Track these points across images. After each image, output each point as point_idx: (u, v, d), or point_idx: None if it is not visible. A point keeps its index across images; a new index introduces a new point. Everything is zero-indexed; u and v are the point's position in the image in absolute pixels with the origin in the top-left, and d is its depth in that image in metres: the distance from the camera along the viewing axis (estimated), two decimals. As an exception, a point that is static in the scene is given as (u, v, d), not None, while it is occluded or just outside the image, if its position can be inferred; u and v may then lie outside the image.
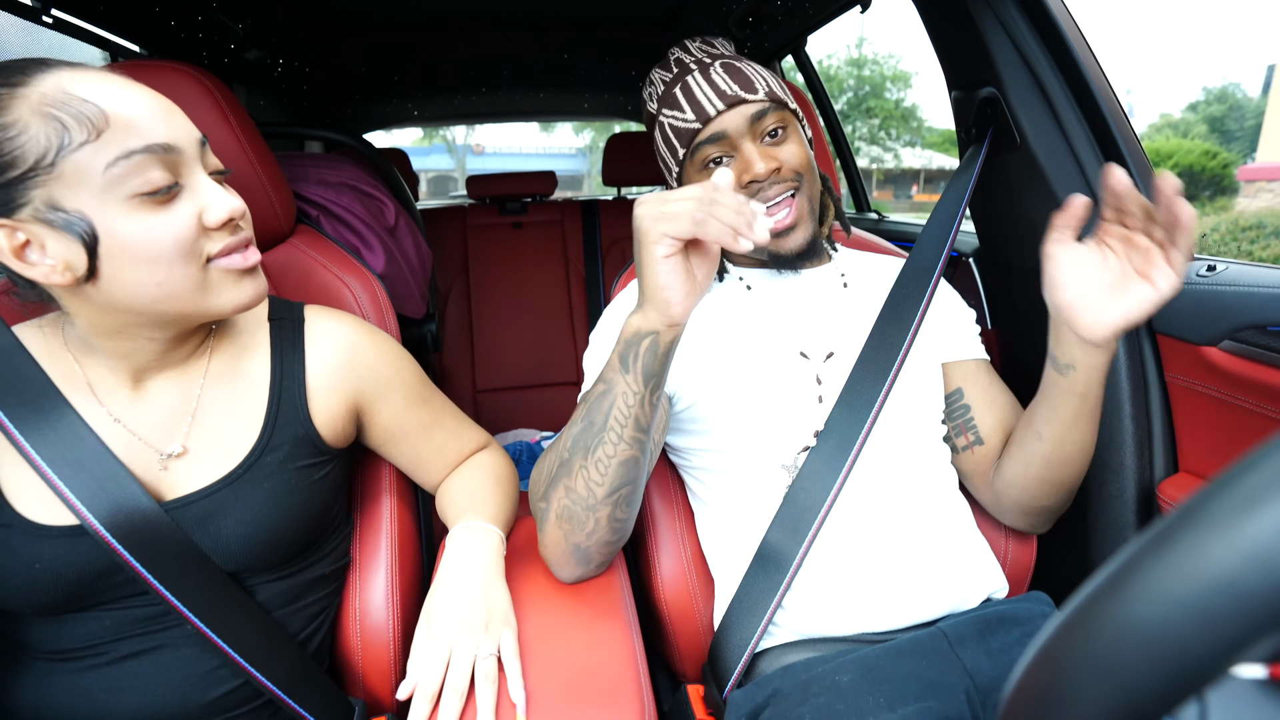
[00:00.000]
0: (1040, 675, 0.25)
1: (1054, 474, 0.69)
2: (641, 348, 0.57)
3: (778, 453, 0.72)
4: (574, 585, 0.70)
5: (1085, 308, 0.61)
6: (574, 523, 0.62)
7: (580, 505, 0.61)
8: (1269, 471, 0.21)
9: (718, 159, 0.71)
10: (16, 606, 0.55)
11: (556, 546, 0.65)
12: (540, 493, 0.65)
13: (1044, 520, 0.77)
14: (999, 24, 0.85)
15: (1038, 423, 0.68)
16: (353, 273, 0.85)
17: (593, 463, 0.59)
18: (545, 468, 0.65)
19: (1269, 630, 0.20)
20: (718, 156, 0.71)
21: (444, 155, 21.32)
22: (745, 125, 0.70)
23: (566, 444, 0.62)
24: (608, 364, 0.59)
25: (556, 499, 0.62)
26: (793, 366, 0.74)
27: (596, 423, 0.59)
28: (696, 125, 0.71)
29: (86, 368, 0.58)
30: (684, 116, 0.72)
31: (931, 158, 22.94)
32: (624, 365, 0.57)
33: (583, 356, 0.81)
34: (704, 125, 0.71)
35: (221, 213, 0.53)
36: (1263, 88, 14.88)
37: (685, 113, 0.72)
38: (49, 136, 0.46)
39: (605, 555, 0.67)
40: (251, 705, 0.62)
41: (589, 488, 0.60)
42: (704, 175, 0.72)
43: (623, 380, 0.58)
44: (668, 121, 0.74)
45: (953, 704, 0.61)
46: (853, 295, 0.79)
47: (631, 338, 0.57)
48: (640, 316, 0.57)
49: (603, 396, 0.59)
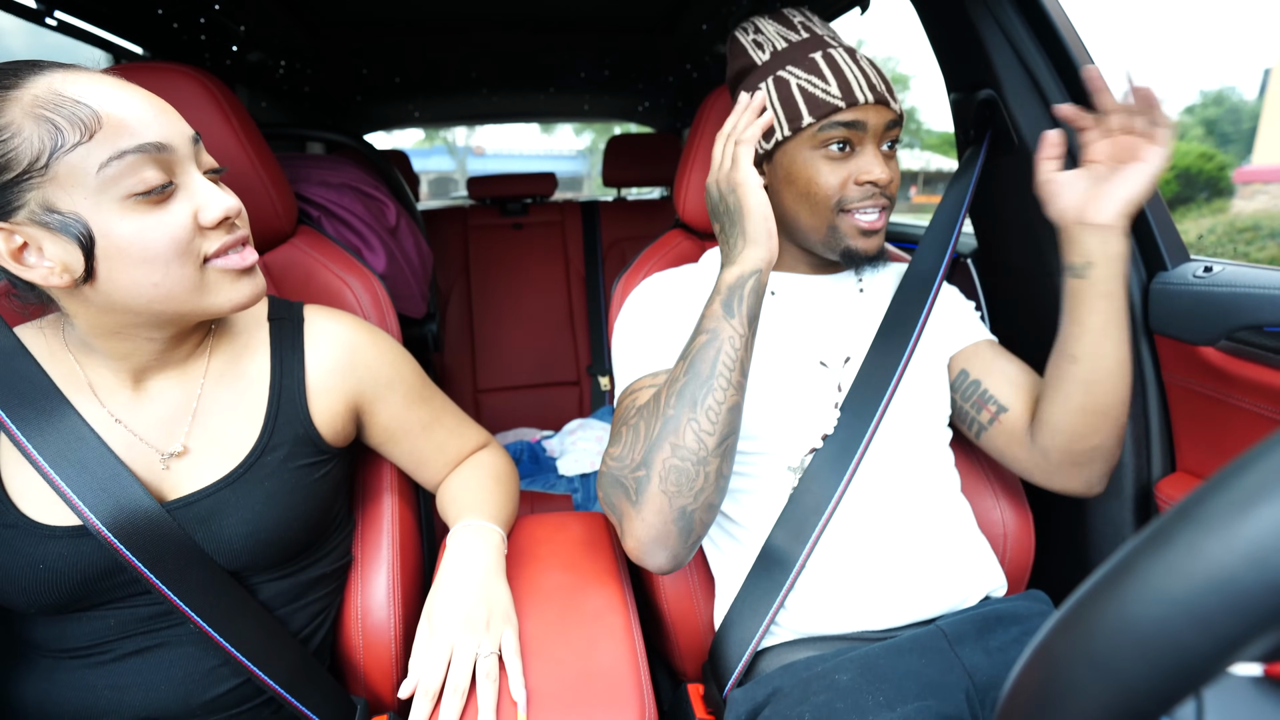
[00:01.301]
0: (1038, 673, 0.25)
1: (1095, 400, 0.68)
2: (746, 290, 0.61)
3: (786, 455, 0.73)
4: (574, 584, 0.71)
5: (1089, 199, 0.67)
6: (682, 482, 0.60)
7: (691, 460, 0.59)
8: (1265, 471, 0.21)
9: (841, 144, 0.69)
10: (21, 606, 0.55)
11: (658, 516, 0.60)
12: (635, 459, 0.61)
13: (1098, 469, 0.72)
14: (997, 27, 0.86)
15: (1068, 344, 0.69)
16: (354, 273, 0.85)
17: (702, 413, 0.59)
18: (640, 433, 0.62)
19: (1265, 629, 0.20)
20: (842, 142, 0.69)
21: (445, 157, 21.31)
22: (881, 128, 0.69)
23: (669, 402, 0.61)
24: (707, 315, 0.62)
25: (661, 460, 0.60)
26: (812, 376, 0.74)
27: (703, 373, 0.60)
28: (840, 103, 0.67)
29: (87, 368, 0.58)
30: (826, 88, 0.68)
31: (930, 159, 22.96)
32: (729, 311, 0.61)
33: (582, 356, 0.81)
34: (848, 107, 0.67)
35: (217, 211, 0.52)
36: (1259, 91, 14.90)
37: (829, 84, 0.68)
38: (42, 138, 0.46)
39: (704, 526, 0.63)
40: (253, 703, 0.62)
41: (699, 439, 0.59)
42: (818, 153, 0.69)
43: (729, 325, 0.61)
44: (798, 83, 0.69)
45: (952, 702, 0.62)
46: (868, 300, 0.80)
47: (735, 283, 0.61)
48: (739, 263, 0.62)
49: (707, 345, 0.61)
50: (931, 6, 0.94)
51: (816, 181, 0.69)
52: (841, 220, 0.70)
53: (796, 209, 0.72)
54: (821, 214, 0.70)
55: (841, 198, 0.69)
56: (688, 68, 1.92)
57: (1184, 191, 11.11)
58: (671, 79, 2.08)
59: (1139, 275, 0.86)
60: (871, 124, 0.69)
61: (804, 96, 0.69)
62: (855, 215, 0.70)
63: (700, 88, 2.05)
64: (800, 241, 0.76)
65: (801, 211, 0.72)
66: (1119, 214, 0.65)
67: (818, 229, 0.72)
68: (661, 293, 0.77)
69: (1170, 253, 0.84)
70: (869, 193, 0.69)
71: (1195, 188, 11.16)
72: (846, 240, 0.71)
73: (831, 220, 0.70)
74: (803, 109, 0.69)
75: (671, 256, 0.94)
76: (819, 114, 0.68)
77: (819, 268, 0.79)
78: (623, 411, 0.69)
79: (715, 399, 0.60)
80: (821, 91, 0.68)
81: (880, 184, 0.69)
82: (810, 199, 0.70)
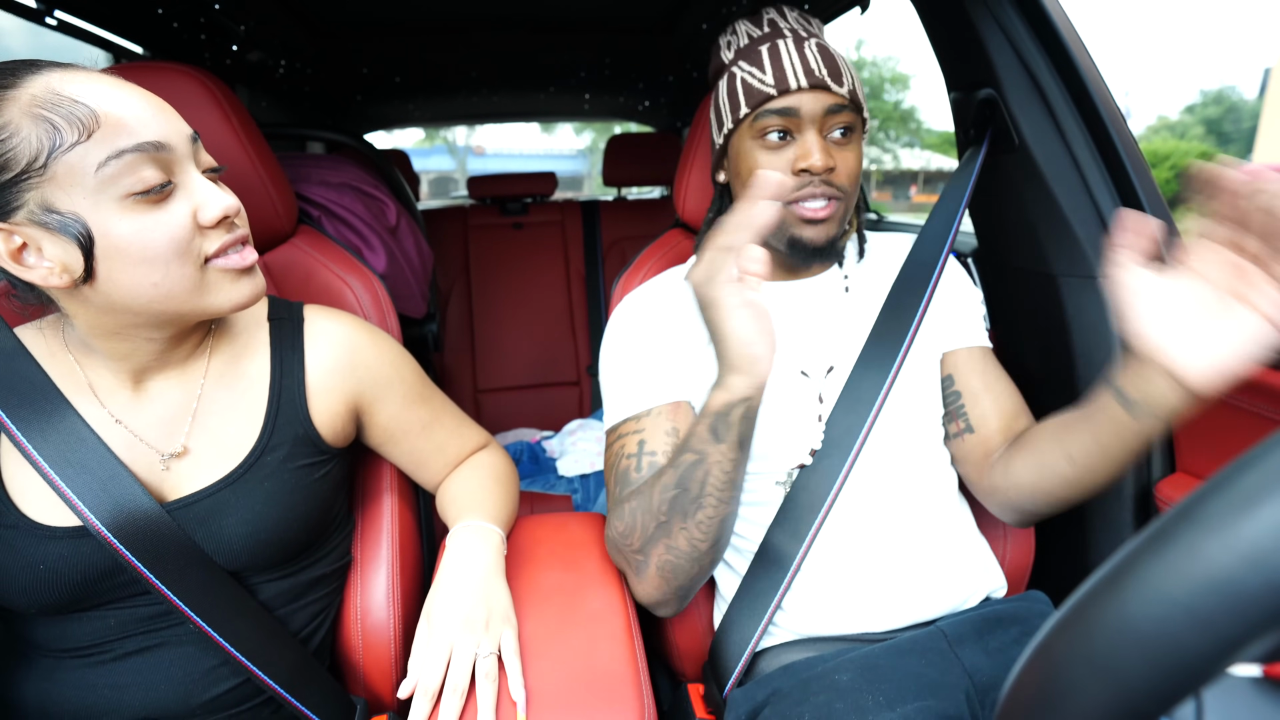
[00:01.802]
0: (1038, 674, 0.25)
1: (1069, 495, 0.65)
2: (733, 418, 0.56)
3: (773, 470, 0.72)
4: (574, 585, 0.71)
5: (1189, 346, 0.48)
6: (678, 572, 0.64)
7: (684, 559, 0.62)
8: (1265, 471, 0.21)
9: (781, 133, 0.68)
10: (22, 606, 0.55)
11: (658, 591, 0.66)
12: (634, 545, 0.65)
13: (1029, 522, 0.74)
14: (997, 26, 0.85)
15: (1072, 446, 0.62)
16: (354, 273, 0.85)
17: (693, 524, 0.60)
18: (637, 523, 0.64)
19: (1265, 630, 0.20)
20: (780, 130, 0.68)
21: (445, 156, 21.31)
22: (819, 113, 0.67)
23: (660, 506, 0.61)
24: (694, 435, 0.59)
25: (657, 555, 0.63)
26: (793, 386, 0.73)
27: (692, 490, 0.59)
28: (772, 91, 0.67)
29: (87, 369, 0.58)
30: (761, 77, 0.68)
31: (930, 159, 22.93)
32: (716, 437, 0.57)
33: (582, 356, 0.81)
34: (779, 94, 0.67)
35: (216, 210, 0.52)
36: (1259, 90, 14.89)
37: (765, 74, 0.68)
38: (40, 138, 0.46)
39: (701, 584, 0.68)
40: (253, 702, 0.62)
41: (692, 544, 0.61)
42: (756, 143, 0.69)
43: (716, 450, 0.58)
44: (741, 75, 0.70)
45: (952, 703, 0.62)
46: (855, 300, 0.78)
47: (721, 410, 0.56)
48: (725, 389, 0.56)
49: (695, 466, 0.59)
50: (931, 6, 0.94)
51: (754, 172, 0.69)
52: (784, 211, 0.69)
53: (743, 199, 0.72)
54: None
55: None
56: (688, 67, 1.92)
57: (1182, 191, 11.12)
58: (671, 78, 2.08)
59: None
60: (807, 109, 0.67)
61: (743, 88, 0.70)
62: (798, 205, 0.68)
63: (700, 87, 2.05)
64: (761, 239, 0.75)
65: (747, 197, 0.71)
66: (1221, 374, 0.48)
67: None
68: (646, 313, 0.77)
69: (1170, 252, 0.84)
70: (805, 181, 0.68)
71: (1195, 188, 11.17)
72: (790, 229, 0.70)
73: None
74: (741, 100, 0.70)
75: (671, 256, 0.94)
76: (753, 103, 0.69)
77: (797, 270, 0.77)
78: (613, 459, 0.72)
79: (706, 514, 0.60)
80: (757, 81, 0.69)
81: (815, 170, 0.66)
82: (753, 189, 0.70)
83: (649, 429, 0.70)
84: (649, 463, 0.68)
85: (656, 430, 0.70)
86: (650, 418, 0.71)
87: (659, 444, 0.69)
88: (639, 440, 0.70)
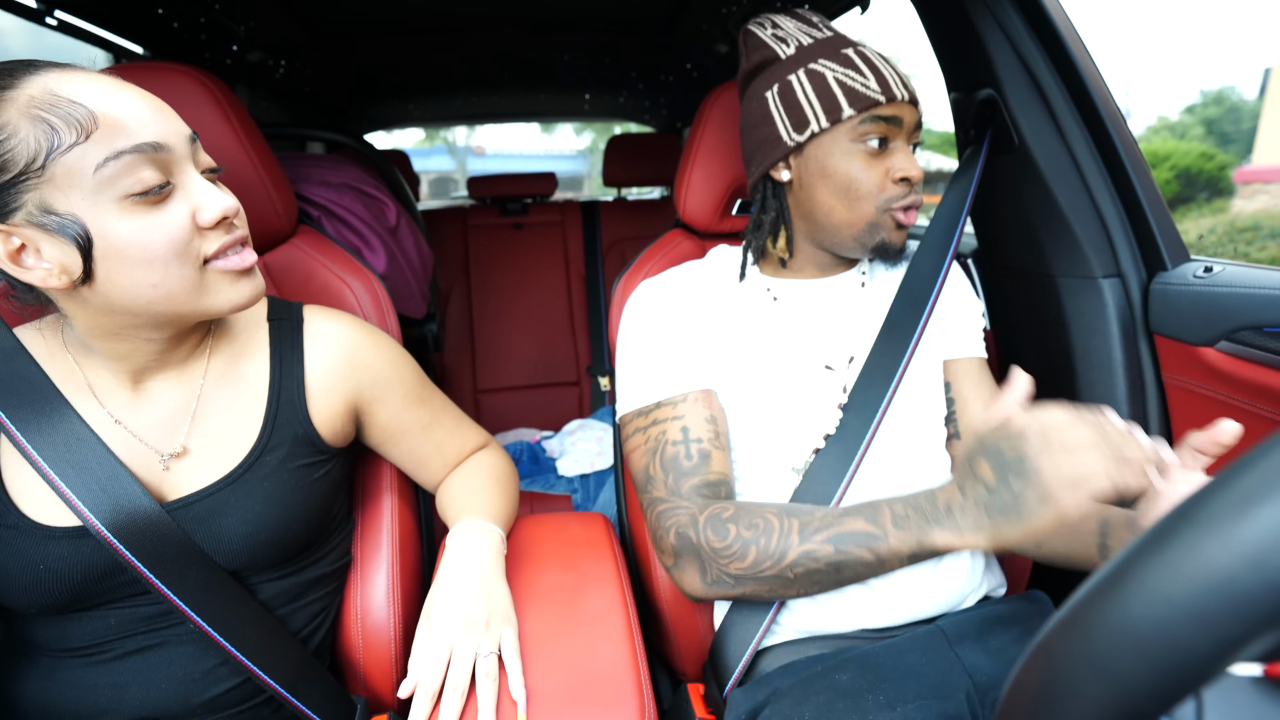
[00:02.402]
0: (1038, 674, 0.25)
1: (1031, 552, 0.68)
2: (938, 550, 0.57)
3: (791, 456, 0.73)
4: (574, 584, 0.71)
5: None
6: (759, 597, 0.66)
7: (769, 598, 0.66)
8: (1265, 472, 0.21)
9: (880, 140, 0.69)
10: (22, 606, 0.55)
11: (712, 597, 0.67)
12: (736, 570, 0.63)
13: None
14: (997, 26, 0.85)
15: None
16: (354, 273, 0.85)
17: (812, 592, 0.63)
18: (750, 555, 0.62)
19: (1265, 630, 0.20)
20: (880, 138, 0.69)
21: (445, 156, 21.29)
22: (912, 126, 0.70)
23: (794, 565, 0.61)
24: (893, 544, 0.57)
25: (752, 589, 0.64)
26: (817, 380, 0.74)
27: (844, 579, 0.61)
28: (880, 98, 0.67)
29: (86, 369, 0.58)
30: (866, 81, 0.68)
31: (930, 159, 22.92)
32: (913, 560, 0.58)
33: (582, 356, 0.81)
34: (887, 102, 0.68)
35: (215, 211, 0.52)
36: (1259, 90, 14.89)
37: (868, 79, 0.68)
38: (38, 139, 0.46)
39: None
40: (253, 702, 0.62)
41: (794, 596, 0.64)
42: (856, 147, 0.69)
43: (898, 564, 0.59)
44: (834, 76, 0.68)
45: (952, 702, 0.62)
46: (871, 293, 0.80)
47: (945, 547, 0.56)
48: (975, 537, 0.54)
49: (867, 568, 0.59)
50: (931, 6, 0.94)
51: (856, 178, 0.69)
52: (883, 217, 0.71)
53: (831, 204, 0.71)
54: (861, 210, 0.70)
55: (886, 196, 0.70)
56: (688, 67, 1.92)
57: (1184, 191, 11.10)
58: (671, 79, 2.08)
59: (1139, 275, 0.86)
60: (906, 121, 0.69)
61: (843, 89, 0.68)
62: (897, 212, 0.71)
63: (700, 88, 2.05)
64: (825, 240, 0.75)
65: (838, 207, 0.71)
66: None
67: (854, 224, 0.72)
68: (668, 300, 0.77)
69: (1170, 253, 0.84)
70: (906, 190, 0.70)
71: (1195, 187, 11.15)
72: (883, 234, 0.72)
73: (873, 217, 0.71)
74: (842, 101, 0.68)
75: (672, 256, 0.94)
76: (859, 106, 0.68)
77: (825, 270, 0.79)
78: (652, 444, 0.70)
79: (833, 590, 0.63)
80: (861, 85, 0.68)
81: (915, 181, 0.70)
82: (849, 195, 0.70)
83: (689, 415, 0.71)
84: (698, 450, 0.69)
85: (697, 417, 0.70)
86: (688, 404, 0.71)
87: (702, 431, 0.70)
88: (681, 426, 0.70)
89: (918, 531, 0.56)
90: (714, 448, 0.70)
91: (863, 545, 0.59)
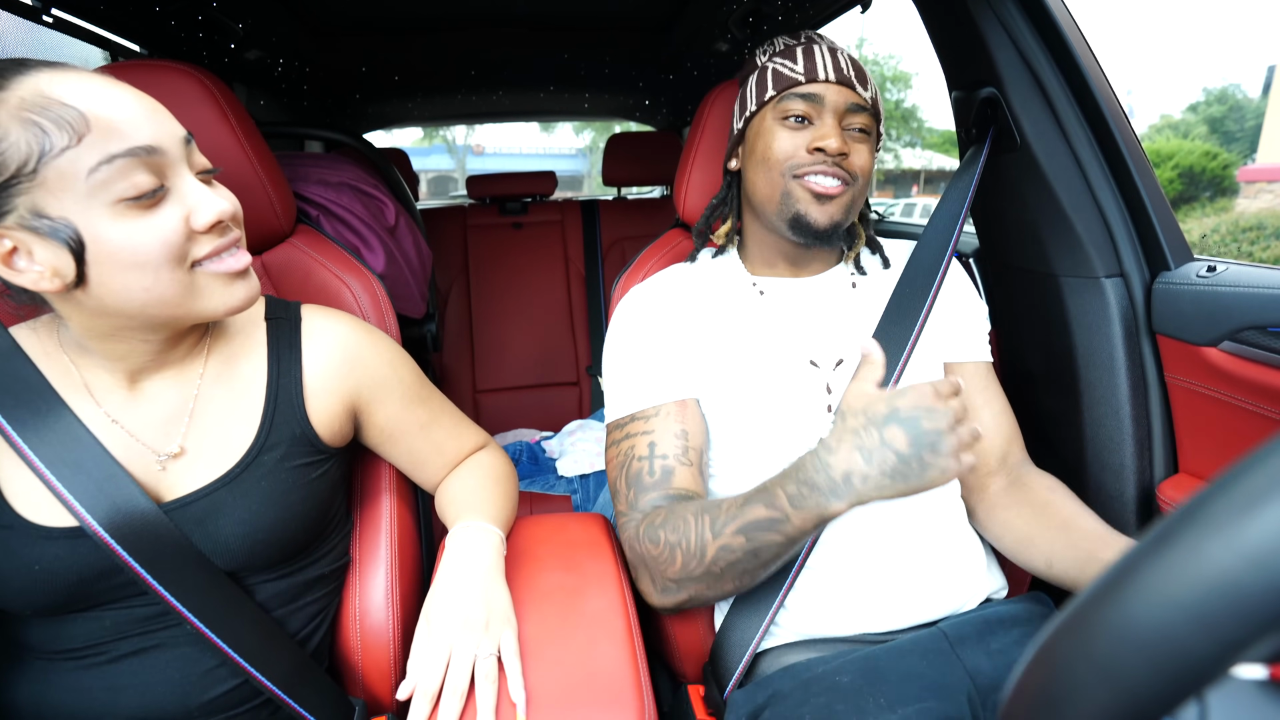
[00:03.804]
0: (1040, 675, 0.25)
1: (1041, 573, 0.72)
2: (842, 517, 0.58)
3: (783, 460, 0.72)
4: (574, 585, 0.70)
5: None
6: (706, 600, 0.68)
7: (720, 596, 0.67)
8: (1269, 473, 0.21)
9: (799, 118, 0.72)
10: (17, 607, 0.55)
11: (673, 605, 0.69)
12: (669, 575, 0.65)
13: None
14: (999, 24, 0.85)
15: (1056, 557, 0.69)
16: (353, 272, 0.85)
17: (747, 580, 0.64)
18: (677, 559, 0.64)
19: (1268, 631, 0.20)
20: (800, 116, 0.72)
21: (444, 155, 21.29)
22: (841, 106, 0.72)
23: (716, 561, 0.62)
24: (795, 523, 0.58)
25: (693, 590, 0.66)
26: (803, 376, 0.74)
27: (764, 561, 0.62)
28: (800, 78, 0.72)
29: (83, 369, 0.58)
30: (792, 67, 0.73)
31: (931, 158, 22.90)
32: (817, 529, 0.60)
33: (582, 356, 0.82)
34: (807, 82, 0.72)
35: (209, 215, 0.52)
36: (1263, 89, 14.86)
37: (796, 64, 0.73)
38: (30, 143, 0.45)
39: None
40: (251, 704, 0.62)
41: (737, 589, 0.66)
42: (777, 123, 0.73)
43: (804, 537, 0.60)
44: (773, 67, 0.75)
45: (953, 704, 0.61)
46: (862, 295, 0.79)
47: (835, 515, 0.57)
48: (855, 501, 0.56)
49: (781, 547, 0.60)
50: (933, 4, 0.94)
51: (772, 146, 0.73)
52: (794, 185, 0.72)
53: (755, 177, 0.76)
54: (774, 179, 0.73)
55: (794, 162, 0.72)
56: (688, 66, 1.91)
57: (1187, 190, 11.08)
58: (671, 78, 2.07)
59: (1142, 275, 0.86)
60: (830, 99, 0.72)
61: (773, 76, 0.75)
62: (807, 179, 0.71)
63: (700, 87, 2.05)
64: (763, 220, 0.77)
65: (759, 179, 0.75)
66: None
67: (772, 197, 0.74)
68: (651, 308, 0.77)
69: (1173, 252, 0.83)
70: (820, 159, 0.71)
71: (1199, 187, 11.13)
72: (797, 206, 0.72)
73: (784, 185, 0.73)
74: (769, 85, 0.75)
75: (671, 256, 0.94)
76: (780, 87, 0.74)
77: (805, 265, 0.80)
78: (621, 458, 0.72)
79: (765, 574, 0.64)
80: (788, 69, 0.74)
81: (830, 151, 0.70)
82: (765, 163, 0.74)
83: (658, 430, 0.71)
84: (661, 466, 0.70)
85: (666, 432, 0.71)
86: (659, 418, 0.72)
87: (669, 447, 0.71)
88: (649, 441, 0.71)
89: (817, 509, 0.57)
90: (679, 464, 0.70)
91: (768, 531, 0.60)
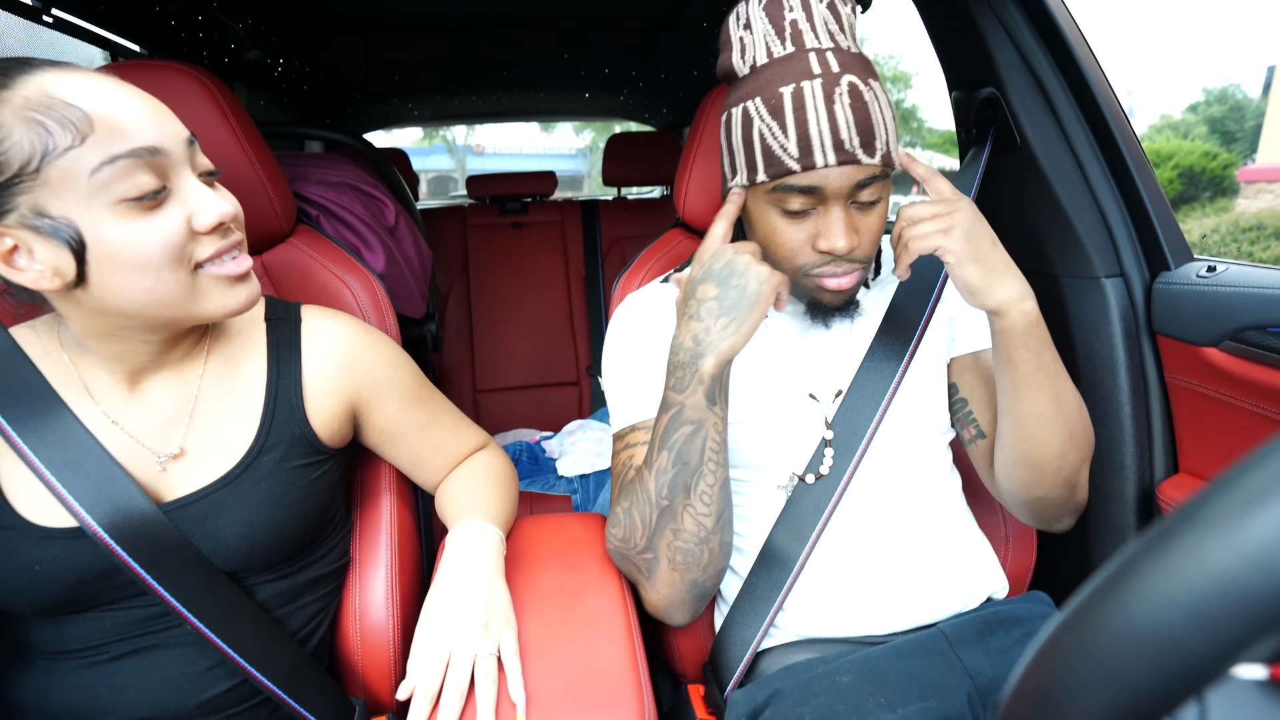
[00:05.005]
0: (1040, 675, 0.25)
1: (1028, 454, 0.65)
2: (726, 376, 0.61)
3: (775, 476, 0.73)
4: (574, 585, 0.70)
5: None
6: (689, 560, 0.64)
7: (693, 541, 0.63)
8: (1269, 472, 0.21)
9: (798, 212, 0.62)
10: (17, 608, 0.55)
11: (672, 590, 0.66)
12: (639, 546, 0.65)
13: (1049, 514, 0.71)
14: (999, 24, 0.85)
15: (998, 397, 0.67)
16: (353, 273, 0.85)
17: (696, 497, 0.62)
18: (636, 521, 0.64)
19: (1269, 631, 0.19)
20: (799, 210, 0.62)
21: (444, 155, 21.29)
22: (846, 189, 0.60)
23: (660, 491, 0.62)
24: (689, 405, 0.60)
25: (665, 545, 0.63)
26: (801, 409, 0.73)
27: (693, 462, 0.61)
28: (795, 166, 0.59)
29: (82, 369, 0.58)
30: (784, 143, 0.59)
31: (932, 158, 22.91)
32: (712, 400, 0.60)
33: (582, 356, 0.81)
34: (803, 170, 0.59)
35: (211, 217, 0.52)
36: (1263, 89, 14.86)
37: (787, 141, 0.59)
38: (33, 142, 0.45)
39: (716, 584, 0.68)
40: (251, 703, 0.62)
41: (698, 522, 0.62)
42: (773, 211, 0.63)
43: (713, 414, 0.61)
44: (759, 126, 0.60)
45: (953, 704, 0.61)
46: (864, 324, 0.76)
47: (717, 373, 0.59)
48: (725, 352, 0.59)
49: (693, 436, 0.60)
50: (933, 4, 0.94)
51: (775, 240, 0.64)
52: (805, 280, 0.65)
53: (762, 249, 0.66)
54: (783, 268, 0.66)
55: (801, 261, 0.64)
56: (688, 67, 1.91)
57: (1187, 190, 11.08)
58: (671, 78, 2.07)
59: (1142, 275, 0.86)
60: (833, 188, 0.59)
61: (761, 148, 0.61)
62: (821, 280, 0.65)
63: (700, 87, 2.05)
64: None
65: (767, 257, 0.67)
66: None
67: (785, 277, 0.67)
68: (648, 315, 0.76)
69: (1173, 252, 0.83)
70: (828, 259, 0.63)
71: (1199, 187, 11.13)
72: (812, 295, 0.67)
73: (796, 278, 0.66)
74: (759, 162, 0.61)
75: (672, 256, 0.94)
76: (772, 173, 0.61)
77: None
78: (620, 469, 0.71)
79: (707, 483, 0.62)
80: (779, 146, 0.60)
81: (838, 253, 0.61)
82: (771, 250, 0.65)
83: None
84: None
85: None
86: None
87: None
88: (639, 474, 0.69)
89: (695, 380, 0.60)
90: None
91: (676, 428, 0.61)
